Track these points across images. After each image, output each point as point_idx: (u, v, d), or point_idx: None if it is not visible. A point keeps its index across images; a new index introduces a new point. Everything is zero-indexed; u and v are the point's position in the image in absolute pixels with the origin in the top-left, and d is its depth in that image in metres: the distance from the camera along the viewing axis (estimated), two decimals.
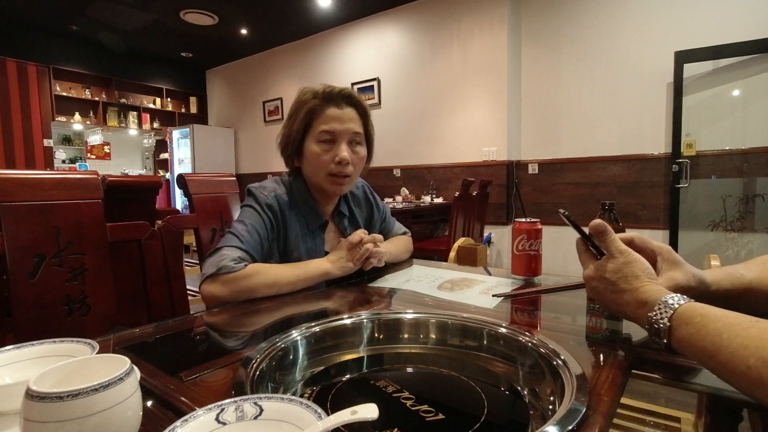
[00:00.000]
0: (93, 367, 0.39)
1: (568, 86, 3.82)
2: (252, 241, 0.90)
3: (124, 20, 5.04)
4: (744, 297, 0.58)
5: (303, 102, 0.95)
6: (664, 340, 0.47)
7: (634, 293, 0.52)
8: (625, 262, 0.55)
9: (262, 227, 0.93)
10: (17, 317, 0.82)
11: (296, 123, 0.95)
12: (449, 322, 0.67)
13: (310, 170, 0.98)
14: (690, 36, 3.22)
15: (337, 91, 0.96)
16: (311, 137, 0.95)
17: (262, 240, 0.93)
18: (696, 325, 0.44)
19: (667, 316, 0.47)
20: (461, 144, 4.30)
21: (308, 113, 0.95)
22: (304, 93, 0.98)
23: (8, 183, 0.82)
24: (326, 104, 0.95)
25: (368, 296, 0.88)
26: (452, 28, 4.29)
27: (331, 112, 0.94)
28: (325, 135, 0.94)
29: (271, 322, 0.79)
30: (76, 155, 6.09)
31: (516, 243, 0.96)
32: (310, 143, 0.95)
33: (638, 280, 0.52)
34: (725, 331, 0.41)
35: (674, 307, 0.47)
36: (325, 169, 0.95)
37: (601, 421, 0.39)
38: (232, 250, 0.87)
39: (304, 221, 0.99)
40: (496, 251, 4.17)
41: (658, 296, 0.49)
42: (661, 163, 3.41)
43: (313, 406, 0.35)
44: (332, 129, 0.94)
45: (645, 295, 0.51)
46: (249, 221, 0.92)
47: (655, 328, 0.48)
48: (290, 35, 5.58)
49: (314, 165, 0.96)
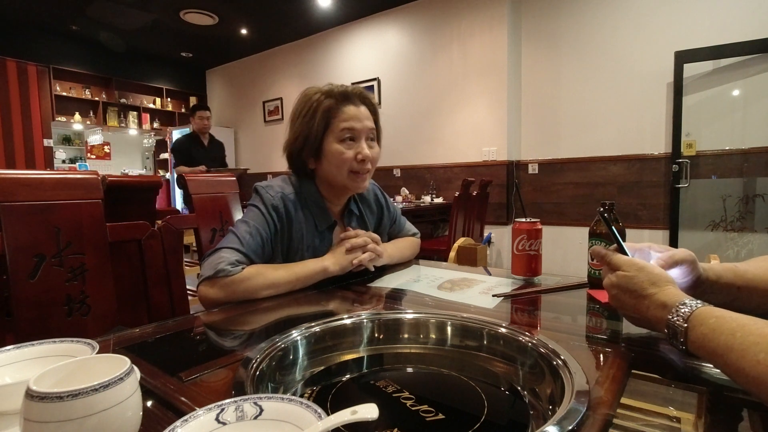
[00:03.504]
0: (93, 367, 0.39)
1: (568, 86, 3.81)
2: (253, 244, 0.90)
3: (124, 20, 5.04)
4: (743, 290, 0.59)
5: (317, 102, 0.94)
6: (681, 339, 0.48)
7: (652, 298, 0.53)
8: (638, 269, 0.56)
9: (265, 229, 0.92)
10: (17, 317, 0.82)
11: (316, 123, 0.94)
12: (449, 322, 0.67)
13: (331, 169, 0.96)
14: (690, 36, 3.22)
15: (351, 89, 0.97)
16: (332, 136, 0.94)
17: (264, 242, 0.92)
18: (711, 326, 0.45)
19: (684, 318, 0.48)
20: (461, 144, 4.30)
21: (326, 112, 0.94)
22: (313, 93, 0.97)
23: (8, 183, 0.82)
24: (343, 103, 0.95)
25: (368, 296, 0.88)
26: (452, 28, 4.29)
27: (350, 110, 0.95)
28: (347, 133, 0.94)
29: (271, 322, 0.79)
30: (76, 155, 6.08)
31: (516, 243, 0.96)
32: (331, 142, 0.95)
33: (655, 286, 0.54)
34: (739, 330, 0.42)
35: (692, 309, 0.48)
36: (348, 166, 0.95)
37: (601, 421, 0.39)
38: (230, 252, 0.86)
39: (313, 221, 0.99)
40: (496, 251, 4.17)
41: (677, 299, 0.50)
42: (661, 163, 3.41)
43: (313, 406, 0.35)
44: (352, 127, 0.94)
45: (664, 298, 0.52)
46: (253, 222, 0.92)
47: (673, 329, 0.49)
48: (290, 35, 5.58)
49: (337, 163, 0.95)
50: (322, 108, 0.94)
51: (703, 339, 0.45)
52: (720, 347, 0.43)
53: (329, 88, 0.97)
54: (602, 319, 0.74)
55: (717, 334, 0.44)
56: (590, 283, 0.89)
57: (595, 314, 0.77)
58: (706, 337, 0.45)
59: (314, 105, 0.95)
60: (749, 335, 0.41)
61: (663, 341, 0.62)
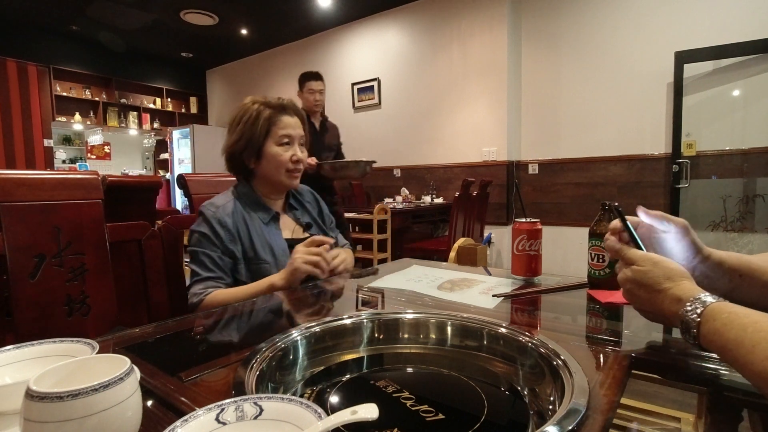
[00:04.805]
0: (93, 367, 0.39)
1: (568, 86, 3.81)
2: (210, 265, 1.03)
3: (124, 20, 5.04)
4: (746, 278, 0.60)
5: (257, 111, 1.11)
6: (693, 333, 0.48)
7: (667, 293, 0.53)
8: (653, 264, 0.56)
9: (211, 248, 1.04)
10: (17, 317, 0.82)
11: (258, 128, 1.10)
12: (449, 322, 0.67)
13: (270, 168, 1.12)
14: (690, 36, 3.22)
15: (286, 102, 1.14)
16: (272, 140, 1.11)
17: (215, 258, 1.03)
18: (723, 320, 0.45)
19: (697, 312, 0.48)
20: (461, 144, 4.30)
21: (267, 120, 1.10)
22: (252, 104, 1.12)
23: (8, 183, 0.82)
24: (281, 113, 1.12)
25: (368, 296, 0.88)
26: (452, 28, 4.29)
27: (287, 120, 1.13)
28: (285, 138, 1.12)
29: (271, 322, 0.79)
30: (77, 155, 6.08)
31: (516, 243, 0.96)
32: (271, 145, 1.11)
33: (670, 281, 0.54)
34: (750, 325, 0.43)
35: (706, 304, 0.48)
36: (285, 166, 1.12)
37: (601, 421, 0.39)
38: (194, 286, 1.01)
39: (258, 217, 1.11)
40: (496, 251, 4.17)
41: (692, 294, 0.50)
42: (662, 163, 3.41)
43: (313, 406, 0.35)
44: (289, 134, 1.12)
45: (679, 292, 0.52)
46: (199, 249, 1.04)
47: (686, 323, 0.49)
48: (290, 35, 5.58)
49: (276, 164, 1.11)
50: (263, 116, 1.10)
51: (715, 333, 0.46)
52: (730, 342, 0.43)
53: (267, 100, 1.12)
54: (602, 320, 0.74)
55: (728, 329, 0.44)
56: (590, 283, 0.89)
57: (595, 314, 0.77)
58: (718, 332, 0.45)
59: (255, 113, 1.10)
60: (760, 331, 0.41)
61: (663, 342, 0.62)
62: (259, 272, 1.06)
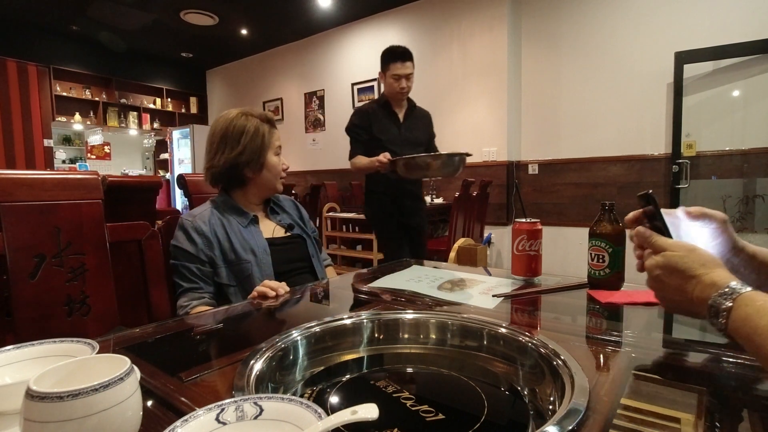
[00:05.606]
0: (93, 367, 0.39)
1: (568, 86, 3.81)
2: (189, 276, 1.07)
3: (124, 20, 5.04)
4: None
5: (256, 126, 1.19)
6: (722, 320, 0.48)
7: (702, 278, 0.53)
8: (689, 250, 0.56)
9: (189, 258, 1.08)
10: (17, 317, 0.82)
11: (260, 141, 1.19)
12: (449, 322, 0.67)
13: (270, 176, 1.22)
14: (690, 36, 3.22)
15: (271, 116, 1.26)
16: (271, 151, 1.22)
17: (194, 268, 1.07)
18: (756, 307, 0.45)
19: (732, 297, 0.48)
20: (461, 144, 4.29)
21: (265, 134, 1.21)
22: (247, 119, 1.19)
23: (8, 183, 0.82)
24: (273, 127, 1.24)
25: (368, 296, 0.88)
26: (452, 28, 4.29)
27: (277, 132, 1.25)
28: (279, 150, 1.25)
29: (271, 322, 0.79)
30: (77, 155, 6.08)
31: (516, 243, 0.96)
32: (271, 156, 1.22)
33: (704, 267, 0.54)
34: None
35: (741, 290, 0.48)
36: (280, 173, 1.25)
37: (601, 422, 0.39)
38: (179, 298, 1.06)
39: (236, 221, 1.16)
40: (496, 251, 4.17)
41: (728, 281, 0.50)
42: (662, 163, 3.41)
43: (313, 406, 0.35)
44: (280, 145, 1.25)
45: (716, 278, 0.52)
46: (177, 263, 1.08)
47: (715, 308, 0.49)
48: (290, 35, 5.58)
49: (275, 172, 1.23)
50: (262, 131, 1.20)
51: (745, 319, 0.45)
52: (760, 328, 0.43)
53: (259, 114, 1.21)
54: (602, 320, 0.74)
55: (760, 316, 0.44)
56: (590, 283, 0.89)
57: (595, 314, 0.77)
58: (749, 317, 0.45)
59: (254, 128, 1.19)
60: None
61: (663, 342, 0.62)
62: (242, 272, 1.09)
